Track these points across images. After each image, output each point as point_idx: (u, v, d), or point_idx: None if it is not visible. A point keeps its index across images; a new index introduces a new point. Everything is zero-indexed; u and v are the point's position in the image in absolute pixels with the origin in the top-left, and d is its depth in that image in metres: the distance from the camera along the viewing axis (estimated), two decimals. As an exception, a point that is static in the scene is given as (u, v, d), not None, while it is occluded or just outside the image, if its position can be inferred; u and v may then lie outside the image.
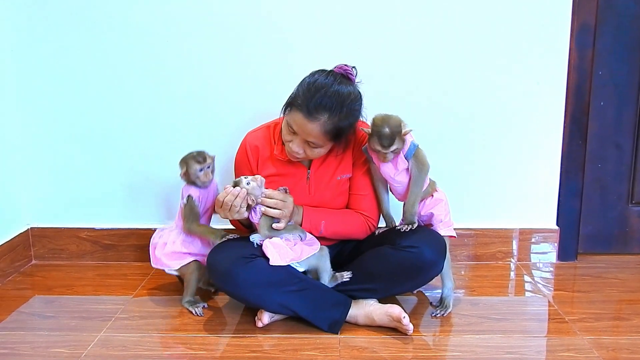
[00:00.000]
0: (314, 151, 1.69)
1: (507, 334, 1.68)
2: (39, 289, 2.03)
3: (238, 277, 1.63)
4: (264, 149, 1.82)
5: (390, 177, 1.74)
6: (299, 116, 1.61)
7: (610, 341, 1.65)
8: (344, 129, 1.65)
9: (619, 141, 2.24)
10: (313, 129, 1.61)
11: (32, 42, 2.12)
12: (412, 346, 1.61)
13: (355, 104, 1.65)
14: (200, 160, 1.82)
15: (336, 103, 1.59)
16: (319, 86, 1.61)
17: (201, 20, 2.08)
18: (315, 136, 1.63)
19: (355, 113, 1.67)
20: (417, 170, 1.71)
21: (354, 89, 1.66)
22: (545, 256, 2.26)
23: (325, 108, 1.59)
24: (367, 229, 1.82)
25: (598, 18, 2.11)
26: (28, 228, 2.26)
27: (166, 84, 2.14)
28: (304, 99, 1.61)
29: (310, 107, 1.59)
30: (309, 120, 1.60)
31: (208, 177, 1.84)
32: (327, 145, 1.69)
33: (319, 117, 1.59)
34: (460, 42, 2.10)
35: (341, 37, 2.08)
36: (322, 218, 1.78)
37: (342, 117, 1.61)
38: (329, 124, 1.60)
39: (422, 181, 1.72)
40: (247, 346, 1.62)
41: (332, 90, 1.60)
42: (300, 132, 1.64)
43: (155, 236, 1.90)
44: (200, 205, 1.84)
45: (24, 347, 1.62)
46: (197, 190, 1.84)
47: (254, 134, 1.86)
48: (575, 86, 2.15)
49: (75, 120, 2.18)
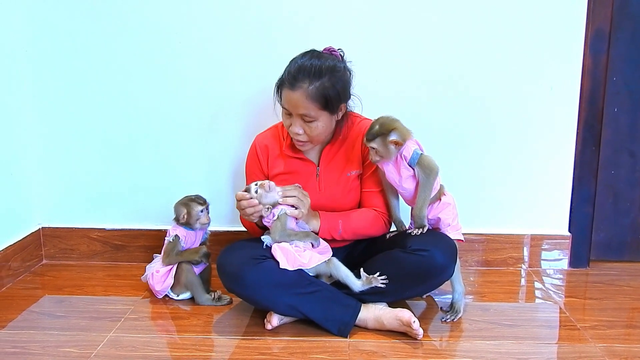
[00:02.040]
0: (312, 126, 1.70)
1: (518, 341, 1.67)
2: (49, 289, 2.04)
3: (248, 278, 1.64)
4: (274, 147, 1.85)
5: (396, 183, 1.75)
6: (286, 92, 1.69)
7: (623, 349, 1.63)
8: (330, 96, 1.67)
9: (633, 148, 2.23)
10: (299, 98, 1.66)
11: (46, 44, 2.14)
12: (421, 351, 1.61)
13: (336, 71, 1.69)
14: (201, 202, 1.90)
15: (315, 70, 1.66)
16: (297, 60, 1.71)
17: (212, 21, 2.09)
18: (304, 106, 1.67)
19: (339, 80, 1.70)
20: (424, 175, 1.71)
21: (333, 61, 1.71)
22: (557, 263, 2.25)
23: (304, 74, 1.66)
24: (383, 224, 1.83)
25: (613, 24, 2.10)
26: (39, 228, 2.27)
27: (178, 85, 2.15)
28: (286, 75, 1.70)
29: (290, 79, 1.67)
30: (293, 91, 1.67)
31: (207, 218, 1.93)
32: (321, 117, 1.70)
33: (301, 84, 1.66)
34: (474, 48, 2.10)
35: (358, 38, 2.08)
36: (339, 218, 1.79)
37: (324, 82, 1.66)
38: (312, 90, 1.65)
39: (431, 185, 1.71)
40: (256, 348, 1.61)
41: (310, 61, 1.69)
42: (291, 107, 1.70)
43: (146, 274, 1.95)
44: (184, 247, 1.91)
45: (34, 346, 1.63)
46: (184, 230, 1.92)
47: (262, 134, 1.90)
48: (589, 92, 2.14)
49: (86, 121, 2.20)
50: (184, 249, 1.91)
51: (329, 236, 1.78)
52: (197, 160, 2.21)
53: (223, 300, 1.89)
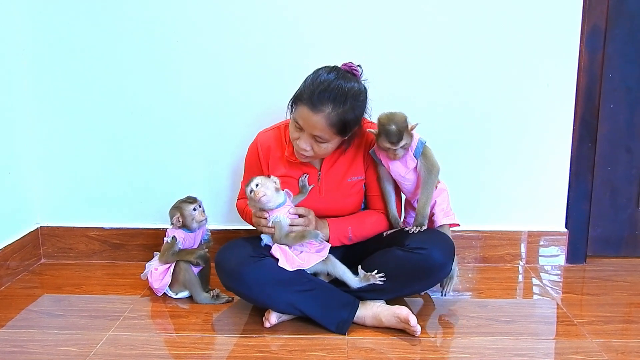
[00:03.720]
0: (321, 147, 1.68)
1: (515, 337, 1.67)
2: (48, 288, 2.04)
3: (246, 276, 1.64)
4: (275, 149, 1.83)
5: (401, 176, 1.75)
6: (304, 110, 1.63)
7: (620, 344, 1.64)
8: (349, 122, 1.65)
9: (630, 144, 2.23)
10: (318, 122, 1.61)
11: (45, 43, 2.14)
12: (419, 348, 1.61)
13: (359, 98, 1.66)
14: (191, 200, 1.92)
15: (340, 95, 1.61)
16: (322, 80, 1.63)
17: (212, 20, 2.09)
18: (320, 129, 1.63)
19: (360, 106, 1.68)
20: (426, 171, 1.72)
21: (358, 84, 1.68)
22: (554, 259, 2.25)
23: (329, 99, 1.60)
24: (387, 225, 1.85)
25: (609, 21, 2.11)
26: (38, 227, 2.27)
27: (177, 85, 2.15)
28: (308, 93, 1.62)
29: (314, 100, 1.61)
30: (314, 113, 1.61)
31: (203, 215, 1.93)
32: (333, 140, 1.68)
33: (324, 108, 1.60)
34: (470, 45, 2.10)
35: (354, 37, 2.08)
36: (348, 224, 1.80)
37: (346, 109, 1.62)
38: (333, 116, 1.61)
39: (433, 183, 1.73)
40: (255, 346, 1.62)
41: (336, 83, 1.63)
42: (306, 127, 1.64)
43: (146, 272, 1.97)
44: (181, 248, 1.92)
45: (33, 345, 1.63)
46: (183, 233, 1.92)
47: (266, 134, 1.87)
48: (586, 89, 2.14)
49: (85, 120, 2.20)
50: (181, 249, 1.92)
51: (339, 243, 1.79)
52: (196, 159, 2.21)
53: (222, 299, 1.89)
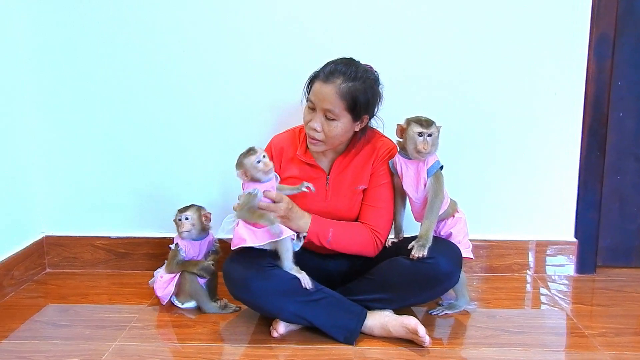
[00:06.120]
0: (331, 125, 1.73)
1: (525, 348, 1.67)
2: (53, 298, 2.05)
3: (254, 286, 1.66)
4: (288, 150, 1.89)
5: (412, 191, 1.78)
6: (317, 85, 1.73)
7: (633, 357, 1.63)
8: (358, 99, 1.71)
9: (639, 153, 2.24)
10: (328, 92, 1.70)
11: (50, 51, 2.16)
12: (428, 358, 1.61)
13: (370, 81, 1.75)
14: (180, 209, 1.92)
15: (351, 71, 1.72)
16: (336, 60, 1.77)
17: (221, 28, 2.11)
18: (330, 101, 1.70)
19: (370, 90, 1.74)
20: (433, 193, 1.74)
21: (372, 73, 1.77)
22: (563, 269, 2.25)
23: (341, 72, 1.71)
24: (374, 243, 1.81)
25: (617, 29, 2.11)
26: (43, 236, 2.28)
27: (182, 93, 2.16)
28: (322, 70, 1.75)
29: (327, 73, 1.72)
30: (326, 84, 1.71)
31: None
32: (343, 117, 1.73)
33: (335, 79, 1.70)
34: (477, 53, 2.12)
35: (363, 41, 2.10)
36: (331, 226, 1.79)
37: (357, 85, 1.71)
38: (343, 87, 1.69)
39: (437, 209, 1.75)
40: (262, 356, 1.62)
41: (349, 62, 1.76)
42: (317, 101, 1.72)
43: (154, 279, 1.98)
44: (185, 257, 1.93)
45: (39, 356, 1.63)
46: (187, 242, 1.93)
47: (279, 136, 1.94)
48: (594, 97, 2.15)
49: (90, 129, 2.21)
50: (187, 259, 1.92)
51: (317, 241, 1.78)
52: (203, 167, 2.22)
53: (229, 308, 1.90)
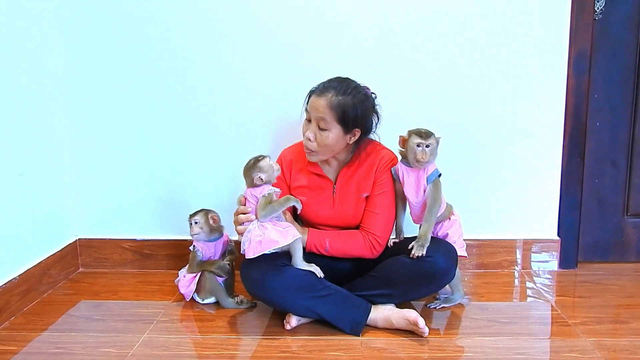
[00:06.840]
0: (322, 135, 1.82)
1: (514, 336, 1.74)
2: (86, 294, 2.12)
3: (270, 283, 1.74)
4: (297, 161, 1.98)
5: (412, 196, 1.85)
6: (313, 97, 1.84)
7: (611, 343, 1.70)
8: (347, 112, 1.80)
9: (615, 158, 2.32)
10: (321, 104, 1.80)
11: (82, 63, 2.22)
12: (427, 347, 1.68)
13: (361, 97, 1.83)
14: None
15: (342, 86, 1.82)
16: (332, 78, 1.87)
17: (242, 41, 2.18)
18: (322, 111, 1.80)
19: (361, 106, 1.83)
20: (432, 199, 1.81)
21: (365, 92, 1.86)
22: (548, 264, 2.31)
23: (333, 87, 1.82)
24: (370, 247, 1.88)
25: (593, 46, 2.19)
26: (76, 239, 2.36)
27: (207, 100, 2.23)
28: (318, 86, 1.86)
29: (321, 87, 1.84)
30: (319, 97, 1.81)
31: (196, 229, 1.98)
32: (334, 128, 1.82)
33: (327, 93, 1.81)
34: (467, 68, 2.17)
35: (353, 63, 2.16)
36: (327, 236, 1.90)
37: (347, 99, 1.80)
38: (334, 100, 1.79)
39: (435, 213, 1.82)
40: (277, 347, 1.69)
41: (343, 80, 1.86)
42: (312, 111, 1.83)
43: (179, 278, 2.07)
44: (203, 257, 2.03)
45: (77, 347, 1.71)
46: (202, 243, 2.02)
47: (289, 149, 2.04)
48: (573, 108, 2.21)
49: (117, 142, 2.28)
50: (205, 259, 2.02)
51: (316, 250, 1.89)
52: (221, 173, 2.28)
53: (245, 304, 1.99)
